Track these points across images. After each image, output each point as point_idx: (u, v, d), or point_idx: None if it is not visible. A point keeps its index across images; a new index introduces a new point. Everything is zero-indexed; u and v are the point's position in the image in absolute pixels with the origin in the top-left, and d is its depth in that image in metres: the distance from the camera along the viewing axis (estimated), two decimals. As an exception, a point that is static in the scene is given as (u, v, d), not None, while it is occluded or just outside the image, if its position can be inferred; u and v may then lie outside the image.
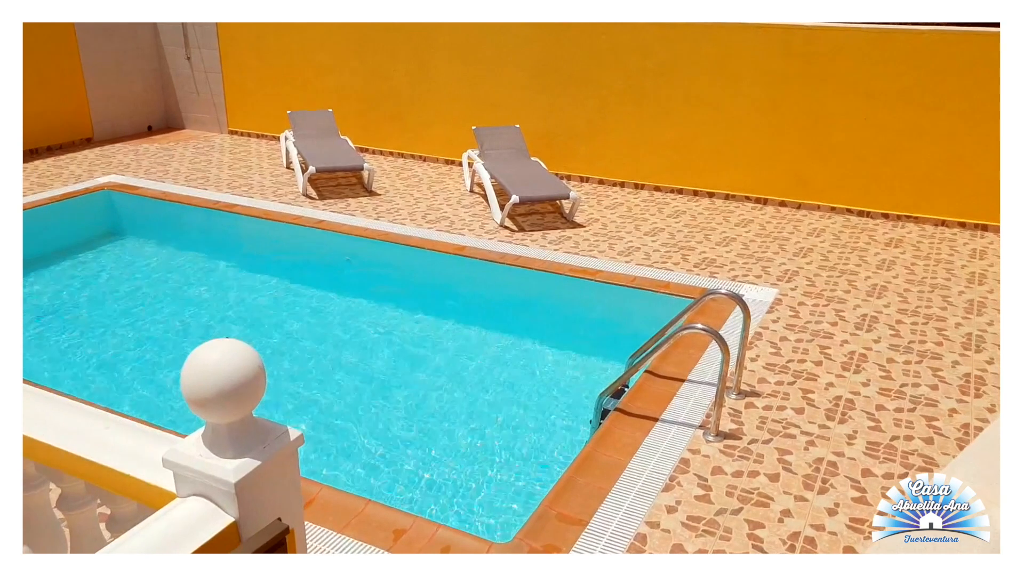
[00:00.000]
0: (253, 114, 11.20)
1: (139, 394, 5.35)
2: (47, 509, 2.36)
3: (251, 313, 6.61)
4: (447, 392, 5.38)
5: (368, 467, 4.59)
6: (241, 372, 1.72)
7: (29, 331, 6.22)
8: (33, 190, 8.45)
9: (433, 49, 9.66)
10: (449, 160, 9.95)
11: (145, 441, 2.03)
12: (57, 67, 10.22)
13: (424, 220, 7.71)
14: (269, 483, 1.81)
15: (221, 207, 8.05)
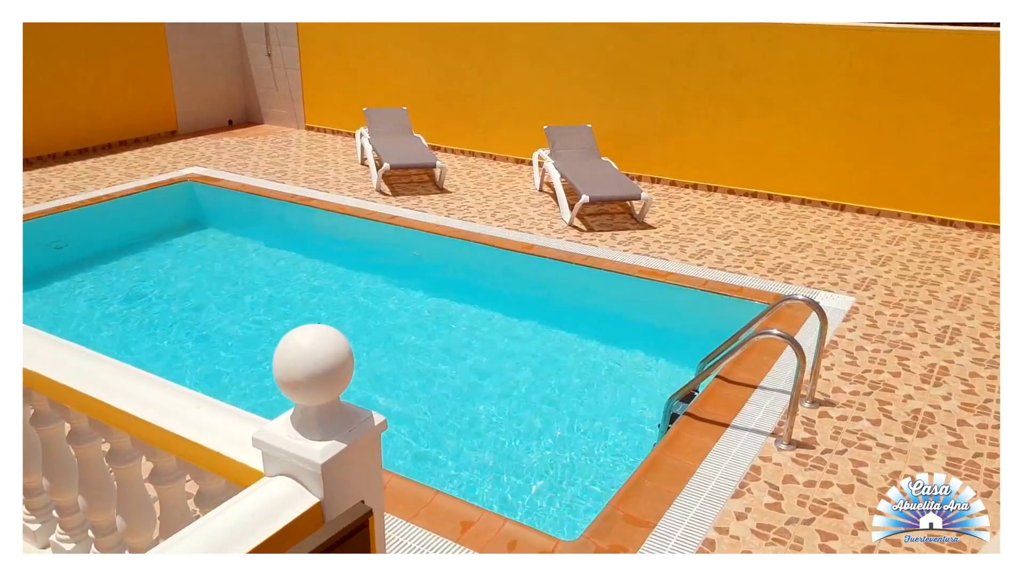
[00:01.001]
0: (329, 111, 11.45)
1: (213, 379, 5.53)
2: (139, 482, 2.47)
3: (323, 304, 6.76)
4: (515, 389, 5.41)
5: (436, 459, 4.65)
6: (331, 356, 1.77)
7: (114, 314, 6.49)
8: (121, 180, 8.82)
9: (506, 49, 9.72)
10: (519, 159, 9.98)
11: (234, 421, 2.10)
12: (147, 64, 10.64)
13: (493, 218, 7.76)
14: (353, 466, 1.86)
15: (298, 200, 8.26)
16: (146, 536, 2.53)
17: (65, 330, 6.07)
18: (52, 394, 2.39)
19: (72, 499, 2.68)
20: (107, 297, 6.84)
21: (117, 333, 6.17)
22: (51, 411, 2.52)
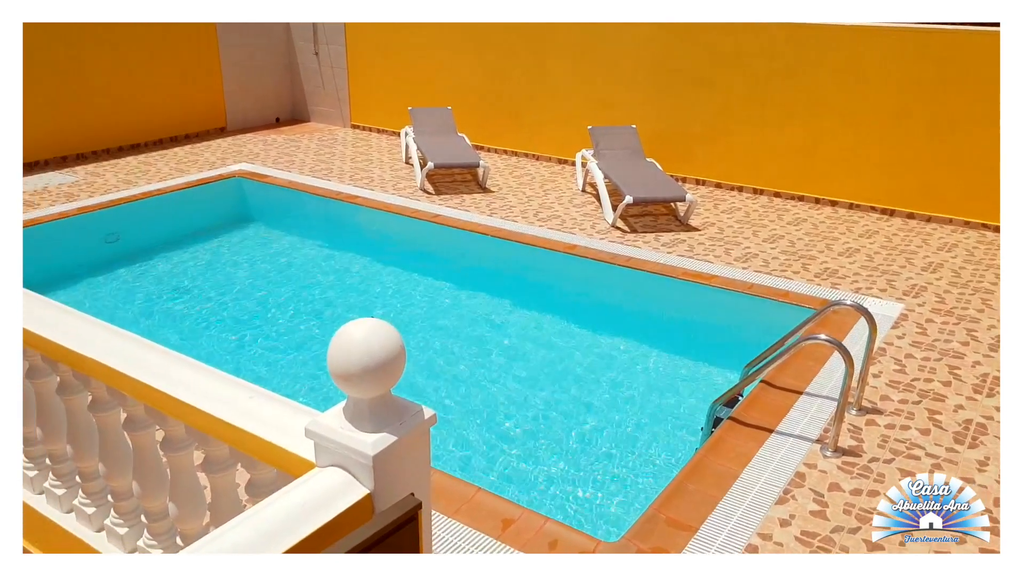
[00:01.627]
0: (375, 109, 11.56)
1: (259, 370, 5.62)
2: (191, 470, 2.52)
3: (367, 300, 6.83)
4: (557, 389, 5.41)
5: (476, 456, 4.67)
6: (385, 350, 1.80)
7: (162, 306, 6.64)
8: (172, 175, 9.01)
9: (551, 49, 9.71)
10: (562, 159, 9.97)
11: (286, 412, 2.13)
12: (199, 62, 10.86)
13: (536, 218, 7.76)
14: (403, 459, 1.88)
15: (343, 198, 8.35)
16: (197, 523, 2.59)
17: (115, 321, 6.21)
18: (110, 381, 2.45)
19: (126, 484, 2.75)
20: (156, 289, 7.00)
21: (165, 324, 6.31)
22: (108, 398, 2.59)
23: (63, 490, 3.03)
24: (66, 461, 3.00)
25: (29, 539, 3.27)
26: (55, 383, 2.80)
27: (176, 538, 2.70)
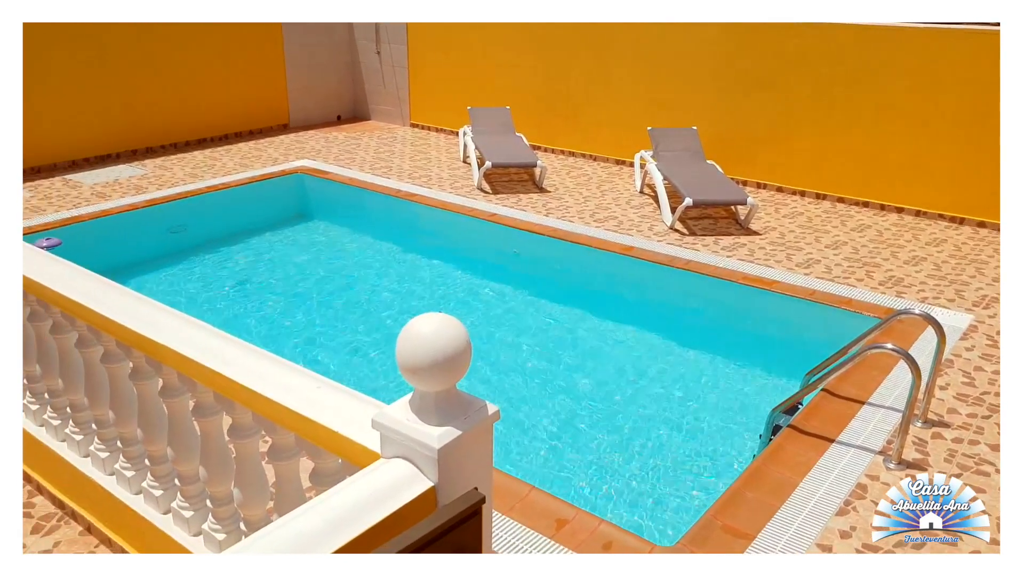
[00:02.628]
0: (434, 109, 11.66)
1: (317, 362, 5.72)
2: (256, 458, 2.58)
3: (423, 297, 6.89)
4: (613, 391, 5.38)
5: (531, 455, 4.67)
6: (452, 345, 1.81)
7: (224, 297, 6.81)
8: (236, 170, 9.22)
9: (612, 49, 9.66)
10: (620, 160, 9.91)
11: (352, 403, 2.17)
12: (264, 60, 11.11)
13: (592, 219, 7.73)
14: (467, 453, 1.89)
15: (402, 196, 8.44)
16: (260, 509, 2.65)
17: (179, 310, 6.39)
18: (181, 368, 2.52)
19: (193, 469, 2.82)
20: (218, 281, 7.18)
21: (226, 315, 6.46)
22: (179, 384, 2.67)
23: (132, 472, 3.13)
24: (136, 444, 3.10)
25: (96, 514, 3.39)
26: (128, 368, 2.89)
27: (240, 523, 2.76)
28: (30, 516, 3.60)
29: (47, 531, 3.49)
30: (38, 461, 3.66)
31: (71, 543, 3.42)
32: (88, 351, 3.05)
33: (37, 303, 3.20)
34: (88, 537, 3.45)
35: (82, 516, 3.46)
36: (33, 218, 7.37)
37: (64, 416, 3.45)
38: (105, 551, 3.35)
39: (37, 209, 7.67)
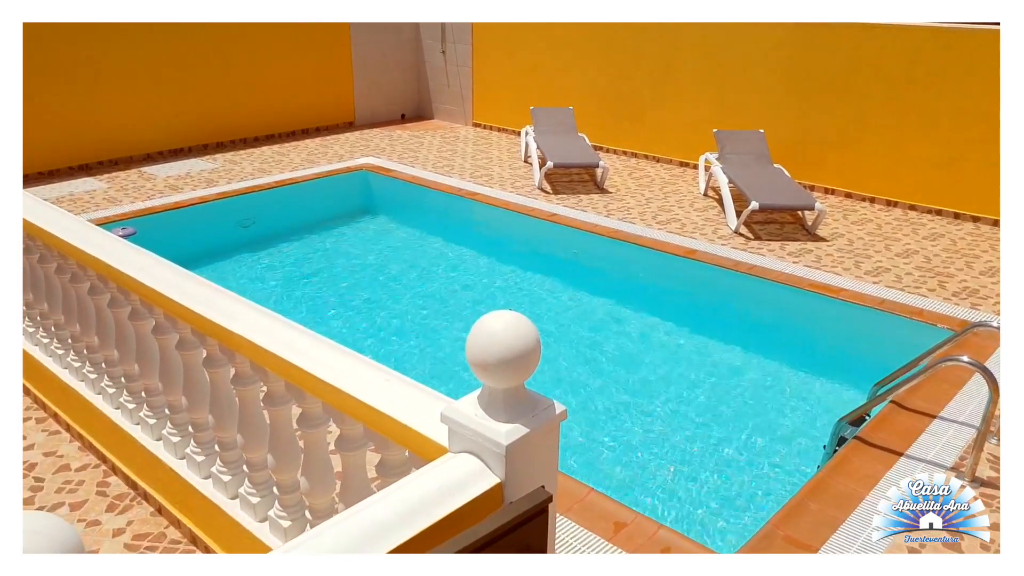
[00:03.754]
0: (496, 108, 11.71)
1: (378, 356, 5.79)
2: (324, 447, 2.63)
3: (481, 296, 6.93)
4: (672, 396, 5.32)
5: (591, 456, 4.65)
6: (522, 342, 1.81)
7: (290, 290, 6.95)
8: (303, 166, 9.41)
9: (679, 50, 9.56)
10: (683, 162, 9.80)
11: (420, 396, 2.19)
12: (332, 59, 11.32)
13: (655, 221, 7.66)
14: (533, 451, 1.89)
15: (463, 194, 8.50)
16: (326, 498, 2.70)
17: (249, 302, 6.56)
18: (254, 356, 2.59)
19: (261, 456, 2.89)
20: (284, 273, 7.34)
21: (291, 307, 6.60)
22: (251, 373, 2.73)
23: (202, 457, 3.22)
24: (207, 430, 3.19)
25: (166, 496, 3.50)
26: (202, 356, 2.97)
27: (305, 511, 2.81)
28: (104, 495, 3.73)
29: (121, 510, 3.62)
30: (113, 442, 3.79)
31: (143, 522, 3.54)
32: (164, 338, 3.15)
33: (117, 290, 3.32)
34: (159, 518, 3.56)
35: (153, 497, 3.58)
36: (109, 208, 7.65)
37: (139, 400, 3.57)
38: (175, 533, 3.46)
39: (114, 200, 7.96)
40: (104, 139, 9.26)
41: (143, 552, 3.36)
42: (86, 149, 9.14)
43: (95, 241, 3.41)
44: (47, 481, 3.83)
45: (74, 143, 9.02)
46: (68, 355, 4.06)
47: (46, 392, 4.33)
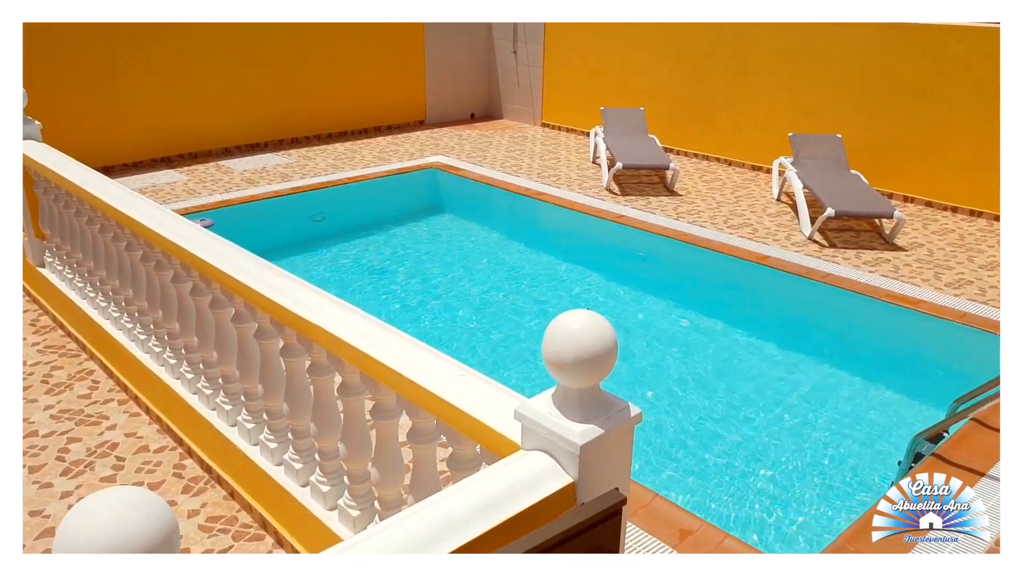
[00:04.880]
0: (566, 109, 11.68)
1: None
2: (395, 439, 2.67)
3: (548, 296, 6.92)
4: (738, 403, 5.23)
5: (658, 461, 4.60)
6: (599, 342, 1.81)
7: (360, 284, 7.07)
8: (374, 163, 9.57)
9: (754, 51, 9.38)
10: (756, 166, 9.61)
11: (494, 393, 2.20)
12: (405, 59, 11.48)
13: (725, 225, 7.53)
14: (607, 452, 1.88)
15: (530, 194, 8.52)
16: (395, 489, 2.73)
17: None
18: (331, 347, 2.64)
19: (333, 445, 2.95)
20: (355, 268, 7.47)
21: (360, 301, 6.70)
22: (327, 363, 2.79)
23: (275, 444, 3.30)
24: (280, 418, 3.27)
25: (239, 481, 3.60)
26: (279, 345, 3.05)
27: (374, 502, 2.86)
28: (180, 477, 3.86)
29: (195, 492, 3.74)
30: (190, 426, 3.92)
31: (216, 505, 3.65)
32: (243, 327, 3.24)
33: (200, 278, 3.43)
34: (231, 502, 3.67)
35: (226, 481, 3.68)
36: (189, 200, 7.91)
37: (216, 386, 3.68)
38: (246, 517, 3.56)
39: (193, 192, 8.23)
40: (185, 133, 9.58)
41: (215, 534, 3.46)
42: (168, 142, 9.48)
43: (180, 231, 3.53)
44: (127, 461, 3.98)
45: (157, 137, 9.36)
46: (150, 340, 4.22)
47: (128, 375, 4.50)
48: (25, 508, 3.60)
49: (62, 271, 5.28)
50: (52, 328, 5.39)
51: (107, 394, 4.59)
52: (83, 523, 1.22)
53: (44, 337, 5.27)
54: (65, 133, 7.22)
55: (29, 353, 5.05)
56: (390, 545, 1.62)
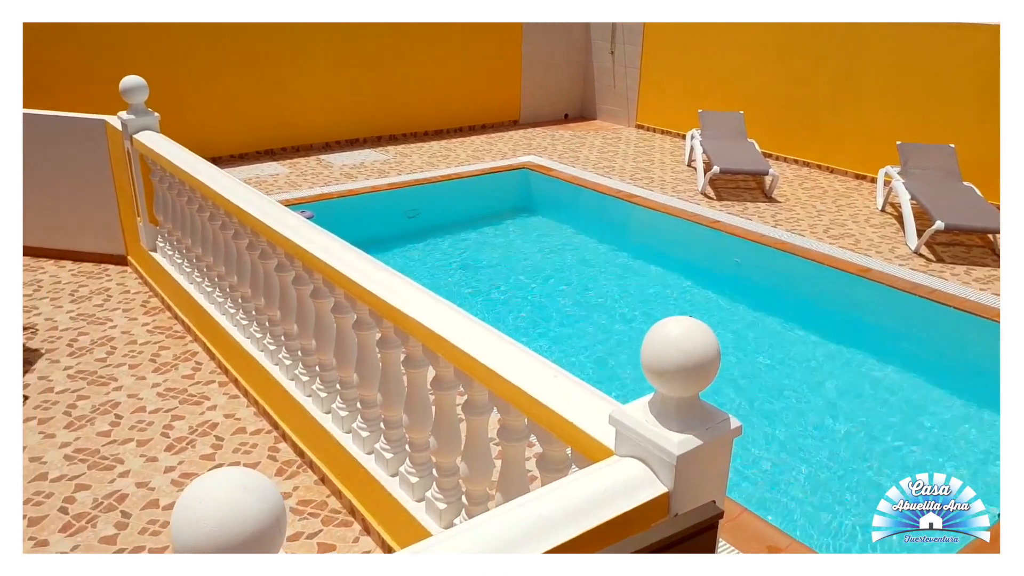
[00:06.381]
0: (662, 110, 11.53)
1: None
2: (486, 435, 2.69)
3: (637, 300, 6.84)
4: (836, 418, 5.05)
5: (748, 474, 4.49)
6: (700, 351, 1.77)
7: (450, 280, 7.16)
8: (468, 162, 9.67)
9: (863, 56, 9.02)
10: (860, 175, 9.25)
11: (587, 396, 2.18)
12: (502, 58, 11.56)
13: (825, 235, 7.28)
14: (705, 464, 1.84)
15: (623, 196, 8.44)
16: (483, 485, 2.75)
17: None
18: (427, 341, 2.68)
19: (424, 438, 2.99)
20: (446, 264, 7.57)
21: (449, 298, 6.78)
22: (422, 357, 2.83)
23: (367, 433, 3.38)
24: (374, 407, 3.34)
25: (330, 467, 3.70)
26: (376, 336, 3.12)
27: (462, 496, 2.89)
28: (274, 459, 4.00)
29: (288, 475, 3.87)
30: (285, 411, 4.06)
31: (307, 490, 3.76)
32: (342, 317, 3.33)
33: (303, 268, 3.54)
34: (321, 487, 3.77)
35: (318, 467, 3.79)
36: (290, 192, 8.18)
37: (313, 373, 3.79)
38: (336, 503, 3.65)
39: (294, 184, 8.51)
40: (288, 128, 9.92)
41: (306, 518, 3.57)
42: (272, 136, 9.83)
43: (285, 221, 3.65)
44: (226, 441, 4.15)
45: (262, 130, 9.73)
46: (251, 326, 4.38)
47: (229, 358, 4.69)
48: (132, 480, 3.80)
49: (172, 256, 5.54)
50: (161, 310, 5.68)
51: (209, 375, 4.80)
52: (199, 499, 1.27)
53: (153, 318, 5.55)
54: (179, 124, 7.58)
55: (139, 333, 5.33)
56: (482, 543, 1.63)
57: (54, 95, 7.82)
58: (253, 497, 1.27)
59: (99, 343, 5.18)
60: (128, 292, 5.99)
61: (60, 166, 6.34)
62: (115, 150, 5.99)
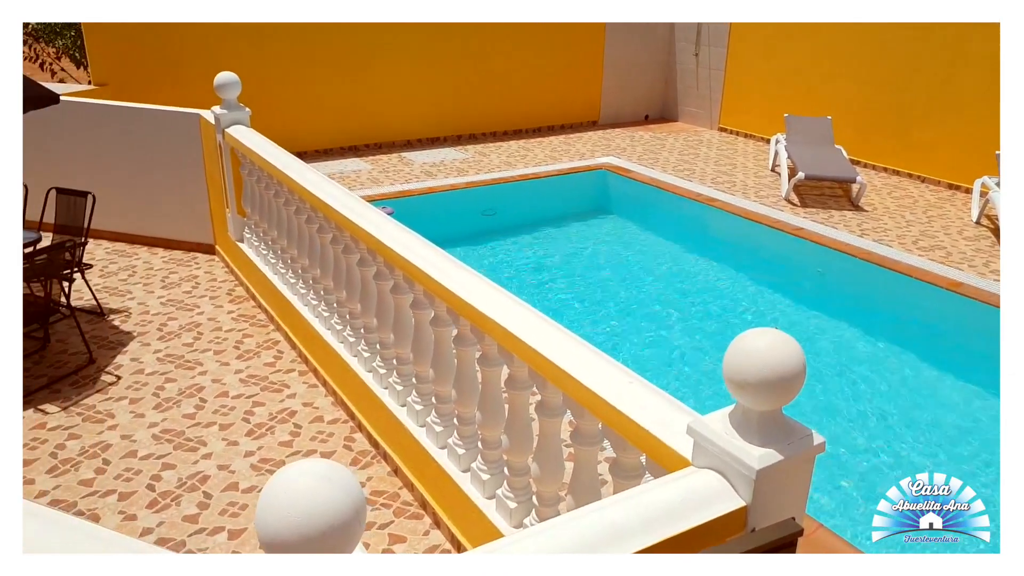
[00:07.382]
0: (746, 113, 11.28)
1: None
2: (558, 437, 2.69)
3: (713, 306, 6.72)
4: (924, 438, 4.85)
5: (827, 490, 4.36)
6: (786, 365, 1.73)
7: (524, 279, 7.18)
8: (546, 162, 9.68)
9: (966, 57, 8.62)
10: (954, 185, 8.86)
11: (663, 405, 2.16)
12: (584, 59, 11.51)
13: (914, 246, 7.00)
14: (785, 480, 1.80)
15: (702, 200, 8.30)
16: (554, 487, 2.75)
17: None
18: (503, 341, 2.69)
19: (496, 436, 3.02)
20: (521, 263, 7.60)
21: (523, 298, 6.80)
22: (497, 356, 2.85)
23: (441, 428, 3.42)
24: (448, 403, 3.38)
25: (403, 459, 3.75)
26: (453, 333, 3.15)
27: (532, 497, 2.90)
28: (350, 449, 4.09)
29: (363, 465, 3.95)
30: (362, 402, 4.15)
31: (380, 480, 3.83)
32: (420, 313, 3.38)
33: (384, 264, 3.61)
34: (394, 478, 3.84)
35: (392, 458, 3.86)
36: (372, 188, 8.35)
37: (390, 366, 3.86)
38: (407, 495, 3.71)
39: (376, 180, 8.68)
40: (371, 125, 10.12)
41: (378, 508, 3.64)
42: (356, 133, 10.05)
43: (368, 218, 3.73)
44: (303, 429, 4.27)
45: (346, 127, 9.95)
46: (332, 318, 4.49)
47: (309, 348, 4.82)
48: (214, 462, 3.95)
49: (258, 247, 5.73)
50: (246, 299, 5.87)
51: (289, 364, 4.94)
52: (285, 487, 1.31)
53: (238, 306, 5.75)
54: (268, 119, 7.82)
55: (224, 320, 5.53)
56: (554, 547, 1.63)
57: (156, 89, 8.17)
58: (334, 488, 1.30)
59: (187, 328, 5.40)
60: (215, 280, 6.22)
61: (156, 157, 6.63)
62: (208, 143, 6.23)
